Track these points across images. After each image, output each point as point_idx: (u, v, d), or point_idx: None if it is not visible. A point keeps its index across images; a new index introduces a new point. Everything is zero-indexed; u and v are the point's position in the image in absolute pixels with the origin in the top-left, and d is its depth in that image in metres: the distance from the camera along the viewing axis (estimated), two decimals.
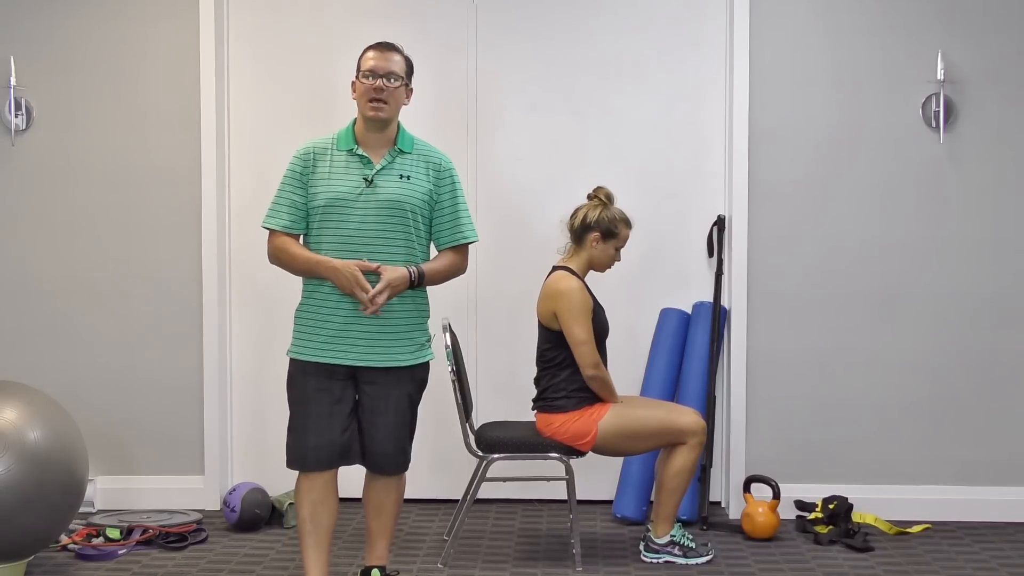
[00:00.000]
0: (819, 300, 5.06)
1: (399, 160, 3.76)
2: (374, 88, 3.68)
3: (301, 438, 3.72)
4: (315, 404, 3.71)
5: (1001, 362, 5.03)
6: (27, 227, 5.19)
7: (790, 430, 5.07)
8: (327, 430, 3.70)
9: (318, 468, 3.72)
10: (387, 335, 3.71)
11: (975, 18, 4.98)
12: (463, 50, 5.21)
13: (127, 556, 4.50)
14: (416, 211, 3.74)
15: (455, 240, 3.84)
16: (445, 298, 5.15)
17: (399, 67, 3.74)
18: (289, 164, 3.80)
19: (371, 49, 3.77)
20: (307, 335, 3.73)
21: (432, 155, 3.84)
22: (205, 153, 5.14)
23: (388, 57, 3.73)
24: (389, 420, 3.75)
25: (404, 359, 3.74)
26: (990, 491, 5.02)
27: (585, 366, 4.26)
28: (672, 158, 5.18)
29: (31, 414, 4.03)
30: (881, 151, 5.03)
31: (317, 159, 3.76)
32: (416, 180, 3.75)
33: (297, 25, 5.23)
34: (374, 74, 3.70)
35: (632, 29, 5.17)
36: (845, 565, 4.37)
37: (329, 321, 3.69)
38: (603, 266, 4.43)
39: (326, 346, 3.69)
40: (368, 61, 3.73)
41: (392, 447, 3.77)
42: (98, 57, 5.15)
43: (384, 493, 3.86)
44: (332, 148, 3.77)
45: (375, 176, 3.71)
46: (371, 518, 3.89)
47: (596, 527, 4.90)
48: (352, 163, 3.73)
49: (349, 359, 3.69)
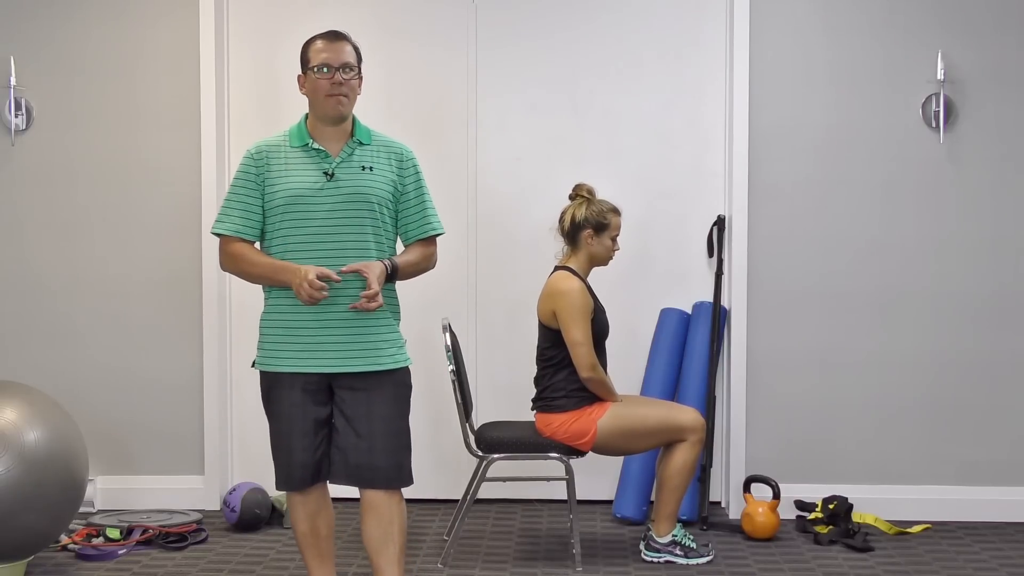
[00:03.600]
0: (819, 300, 5.06)
1: (359, 152, 3.53)
2: (333, 83, 3.46)
3: (287, 457, 3.51)
4: (293, 422, 3.49)
5: (1001, 362, 5.03)
6: (27, 227, 5.19)
7: (790, 430, 5.07)
8: (304, 449, 3.48)
9: (308, 485, 3.53)
10: (364, 338, 3.47)
11: (975, 18, 4.98)
12: (463, 50, 5.21)
13: (127, 556, 4.50)
14: (383, 203, 3.52)
15: (424, 232, 3.62)
16: (445, 298, 5.17)
17: (352, 57, 3.51)
18: (240, 166, 3.55)
19: (320, 39, 3.53)
20: (279, 345, 3.48)
21: (393, 145, 3.61)
22: (205, 153, 5.14)
23: (340, 48, 3.50)
24: (374, 428, 3.46)
25: (385, 362, 3.49)
26: (990, 491, 5.02)
27: (581, 367, 4.25)
28: (672, 158, 5.18)
29: (31, 414, 4.03)
30: (881, 151, 5.03)
31: (270, 158, 3.51)
32: (379, 171, 3.53)
33: (297, 25, 5.22)
34: (329, 67, 3.46)
35: (632, 29, 5.17)
36: (845, 565, 4.37)
37: (303, 328, 3.45)
38: (603, 259, 4.43)
39: (300, 355, 3.46)
40: (320, 54, 3.49)
41: (380, 457, 3.45)
42: (98, 57, 5.15)
43: (386, 523, 3.50)
44: (285, 146, 3.53)
45: (335, 169, 3.48)
46: (377, 554, 3.52)
47: (596, 527, 4.90)
48: (309, 158, 3.49)
49: (326, 366, 3.45)
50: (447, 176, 5.15)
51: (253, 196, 3.52)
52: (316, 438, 3.50)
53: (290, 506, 3.64)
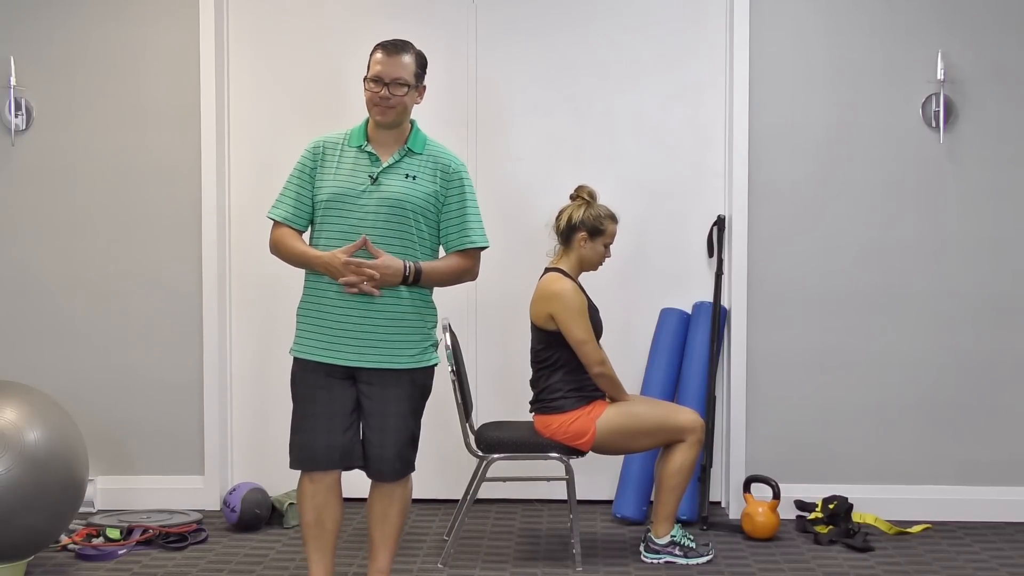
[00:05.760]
0: (819, 300, 5.06)
1: (407, 160, 3.66)
2: (380, 96, 3.59)
3: (305, 437, 3.63)
4: (317, 404, 3.63)
5: (1001, 362, 5.03)
6: (27, 227, 5.19)
7: (790, 430, 5.07)
8: (329, 430, 3.61)
9: (322, 468, 3.63)
10: (385, 336, 3.60)
11: (975, 18, 4.98)
12: (463, 50, 5.21)
13: (127, 556, 4.50)
14: (418, 212, 3.63)
15: (461, 244, 3.72)
16: (445, 298, 5.15)
17: (407, 71, 3.60)
18: (300, 157, 3.73)
19: (379, 50, 3.64)
20: (308, 333, 3.66)
21: (442, 157, 3.72)
22: (205, 153, 5.14)
23: (395, 62, 3.60)
24: (387, 424, 3.62)
25: (402, 361, 3.62)
26: (990, 491, 5.02)
27: (591, 364, 4.25)
28: (672, 158, 5.18)
29: (31, 414, 4.03)
30: (881, 151, 5.03)
31: (327, 153, 3.68)
32: (422, 181, 3.65)
33: (297, 25, 5.23)
34: (379, 81, 3.59)
35: (632, 29, 5.17)
36: (845, 565, 4.37)
37: (327, 319, 3.61)
38: (594, 264, 4.43)
39: (325, 345, 3.61)
40: (375, 65, 3.61)
41: (389, 452, 3.63)
42: (98, 57, 5.15)
43: (387, 501, 3.72)
44: (344, 143, 3.69)
45: (380, 174, 3.62)
46: (374, 527, 3.75)
47: (596, 527, 4.90)
48: (360, 160, 3.65)
49: (346, 359, 3.60)
50: None
51: (305, 187, 3.70)
52: (345, 419, 3.64)
53: (299, 495, 3.71)
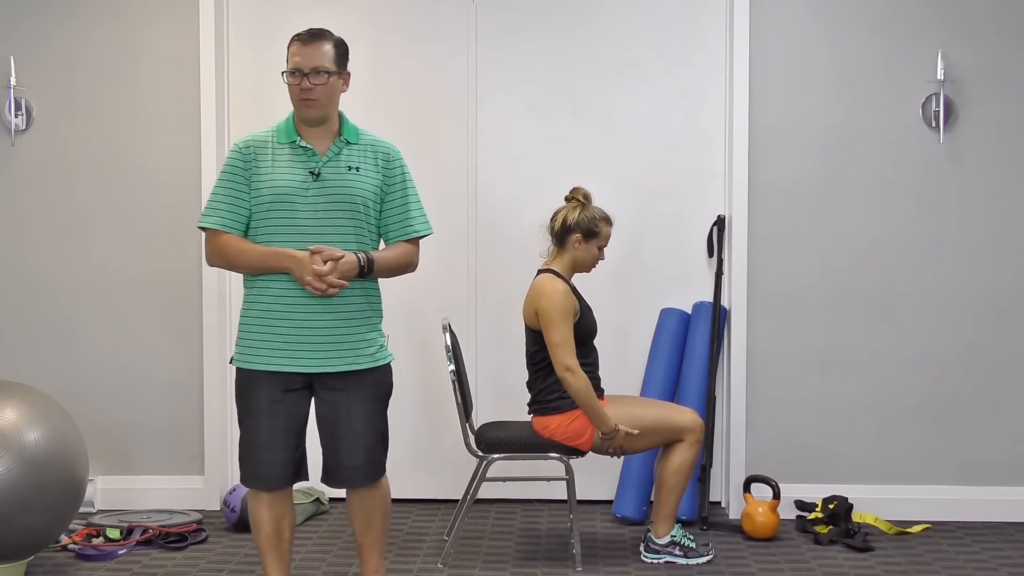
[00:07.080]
0: (819, 300, 5.06)
1: (346, 151, 3.53)
2: (302, 88, 3.46)
3: (262, 454, 3.48)
4: (274, 417, 3.46)
5: (1001, 362, 5.03)
6: (27, 227, 5.19)
7: (790, 430, 5.07)
8: (286, 446, 3.48)
9: (279, 486, 3.51)
10: (344, 336, 3.47)
11: (975, 18, 4.98)
12: (463, 50, 5.21)
13: (127, 556, 4.50)
14: (368, 203, 3.52)
15: (405, 234, 3.60)
16: (445, 298, 5.17)
17: (327, 58, 3.48)
18: (227, 159, 3.56)
19: (295, 42, 3.52)
20: (257, 341, 3.48)
21: (380, 145, 3.60)
22: (205, 153, 5.14)
23: (313, 51, 3.47)
24: (355, 428, 3.49)
25: (365, 361, 3.50)
26: (990, 491, 5.02)
27: (558, 366, 4.22)
28: (672, 158, 5.18)
29: (31, 414, 4.03)
30: (881, 151, 5.03)
31: (257, 153, 3.51)
32: (365, 171, 3.52)
33: (297, 25, 5.15)
34: (299, 72, 3.46)
35: (632, 29, 5.17)
36: (845, 565, 4.37)
37: (280, 326, 3.45)
38: (587, 266, 4.42)
39: (280, 353, 3.45)
40: (292, 57, 3.49)
41: (360, 458, 3.50)
42: (98, 57, 5.15)
43: (369, 509, 3.61)
44: (272, 141, 3.53)
45: (322, 168, 3.48)
46: (359, 534, 3.66)
47: (596, 527, 4.90)
48: (296, 155, 3.50)
49: (307, 366, 3.45)
50: (446, 176, 5.15)
51: (241, 190, 3.52)
52: (297, 436, 3.52)
53: (255, 507, 3.57)
